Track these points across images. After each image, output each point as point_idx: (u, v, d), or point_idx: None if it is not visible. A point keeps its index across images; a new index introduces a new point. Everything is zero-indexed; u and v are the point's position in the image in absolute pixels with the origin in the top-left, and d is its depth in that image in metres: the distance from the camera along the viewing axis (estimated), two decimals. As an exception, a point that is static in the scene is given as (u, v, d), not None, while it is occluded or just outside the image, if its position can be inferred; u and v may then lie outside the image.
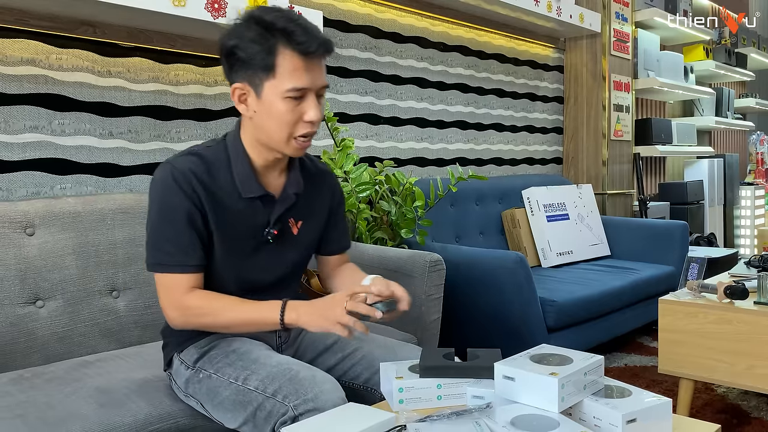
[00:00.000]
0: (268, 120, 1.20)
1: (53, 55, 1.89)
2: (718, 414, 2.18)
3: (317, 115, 1.20)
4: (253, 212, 1.28)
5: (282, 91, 1.16)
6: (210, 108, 2.27)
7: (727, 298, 1.89)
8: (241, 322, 1.22)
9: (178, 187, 1.19)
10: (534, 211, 3.15)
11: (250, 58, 1.16)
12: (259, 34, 1.15)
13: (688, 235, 3.24)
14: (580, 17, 3.60)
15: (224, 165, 1.25)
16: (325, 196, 1.42)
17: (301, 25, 1.16)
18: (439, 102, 3.18)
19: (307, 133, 1.21)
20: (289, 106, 1.18)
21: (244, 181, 1.25)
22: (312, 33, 1.16)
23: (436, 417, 1.01)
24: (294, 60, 1.15)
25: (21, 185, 1.85)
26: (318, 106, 1.20)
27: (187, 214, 1.20)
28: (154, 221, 1.22)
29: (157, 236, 1.21)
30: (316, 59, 1.18)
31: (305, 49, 1.15)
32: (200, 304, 1.21)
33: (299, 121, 1.20)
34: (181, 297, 1.21)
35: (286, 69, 1.16)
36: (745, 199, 5.47)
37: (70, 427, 1.20)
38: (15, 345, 1.58)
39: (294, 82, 1.16)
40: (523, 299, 2.27)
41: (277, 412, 1.11)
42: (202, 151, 1.25)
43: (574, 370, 1.01)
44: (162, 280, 1.22)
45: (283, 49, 1.15)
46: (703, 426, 1.04)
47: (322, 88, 1.21)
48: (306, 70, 1.17)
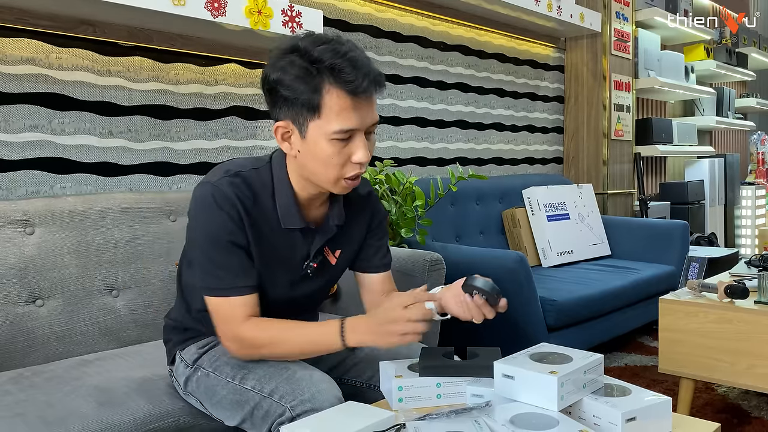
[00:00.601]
0: (313, 161, 1.12)
1: (53, 54, 1.89)
2: (718, 414, 2.17)
3: (366, 156, 1.12)
4: (292, 243, 1.22)
5: (328, 132, 1.08)
6: (210, 107, 2.27)
7: (728, 298, 1.89)
8: (300, 351, 1.16)
9: (219, 208, 1.12)
10: (534, 210, 3.15)
11: (294, 96, 1.08)
12: (304, 70, 1.07)
13: (689, 235, 3.23)
14: (581, 17, 3.60)
15: (268, 192, 1.18)
16: (365, 219, 1.33)
17: (350, 59, 1.07)
18: (439, 101, 3.17)
19: (354, 175, 1.14)
20: (335, 148, 1.10)
21: (285, 212, 1.19)
22: (362, 68, 1.07)
23: (435, 415, 1.01)
24: (341, 100, 1.07)
25: (21, 184, 1.85)
26: (366, 146, 1.12)
27: (233, 236, 1.13)
28: (201, 245, 1.15)
29: (205, 260, 1.14)
30: (368, 98, 1.10)
31: (354, 89, 1.07)
32: (255, 335, 1.14)
33: (347, 162, 1.12)
34: (236, 328, 1.14)
35: (332, 109, 1.07)
36: (745, 199, 5.46)
37: (69, 425, 1.19)
38: (15, 344, 1.58)
39: (341, 123, 1.08)
40: (524, 299, 2.27)
41: (274, 412, 1.10)
42: (246, 173, 1.17)
43: (574, 368, 1.01)
44: (216, 306, 1.15)
45: (330, 88, 1.07)
46: (703, 425, 1.04)
47: (372, 126, 1.14)
48: (354, 109, 1.08)
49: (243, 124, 2.37)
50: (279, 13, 2.06)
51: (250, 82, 2.38)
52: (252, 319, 1.15)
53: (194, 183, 2.23)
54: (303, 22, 2.13)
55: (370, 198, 1.35)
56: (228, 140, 2.32)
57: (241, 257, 1.15)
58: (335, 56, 1.06)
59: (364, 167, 1.15)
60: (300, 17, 2.12)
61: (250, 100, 2.38)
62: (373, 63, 1.12)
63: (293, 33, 2.11)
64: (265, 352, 1.16)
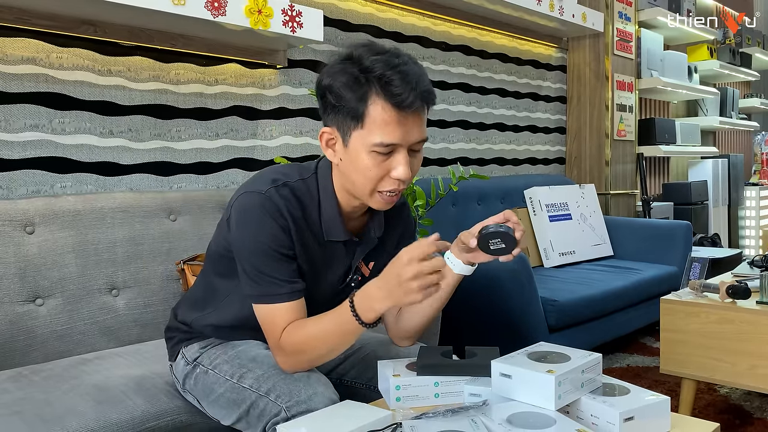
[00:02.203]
0: (353, 171, 1.10)
1: (54, 53, 1.90)
2: (720, 414, 2.16)
3: (406, 174, 1.08)
4: (335, 255, 1.20)
5: (369, 144, 1.06)
6: (210, 107, 2.27)
7: (730, 298, 1.88)
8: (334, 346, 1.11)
9: (270, 219, 1.10)
10: (536, 211, 3.14)
11: (340, 103, 1.06)
12: (354, 78, 1.05)
13: (692, 236, 3.22)
14: (583, 17, 3.59)
15: (314, 203, 1.17)
16: (398, 231, 1.31)
17: (402, 72, 1.04)
18: (440, 101, 3.17)
19: (393, 190, 1.10)
20: (375, 161, 1.07)
21: (330, 224, 1.17)
22: (412, 83, 1.04)
23: (432, 414, 1.01)
24: (386, 112, 1.04)
25: (21, 184, 1.85)
26: (408, 163, 1.08)
27: (283, 248, 1.11)
28: (249, 255, 1.11)
29: (252, 269, 1.11)
30: (414, 113, 1.06)
31: (400, 102, 1.03)
32: (291, 342, 1.11)
33: (385, 176, 1.09)
34: (278, 341, 1.11)
35: (375, 121, 1.05)
36: (749, 200, 5.44)
37: (67, 423, 1.20)
38: (14, 343, 1.58)
39: (383, 136, 1.05)
40: (525, 299, 2.26)
41: (270, 411, 1.10)
42: (294, 183, 1.15)
43: (572, 367, 1.01)
44: (263, 314, 1.13)
45: (376, 98, 1.04)
46: (702, 424, 1.03)
47: (417, 143, 1.10)
48: (399, 124, 1.05)
49: (244, 123, 2.37)
50: (279, 13, 2.06)
51: (250, 82, 2.38)
52: (289, 326, 1.11)
53: (194, 183, 2.23)
54: (303, 21, 2.13)
55: (404, 208, 1.33)
56: (228, 140, 2.32)
57: (290, 264, 1.13)
58: (386, 67, 1.04)
59: (405, 185, 1.11)
60: (300, 17, 2.12)
61: (250, 99, 2.38)
62: (426, 79, 1.08)
63: (293, 33, 2.11)
64: (305, 357, 1.12)
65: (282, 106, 2.49)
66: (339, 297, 1.24)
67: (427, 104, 1.08)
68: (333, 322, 1.09)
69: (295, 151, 2.53)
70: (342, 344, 1.12)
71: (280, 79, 2.48)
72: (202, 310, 1.30)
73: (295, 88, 2.53)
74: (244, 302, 1.17)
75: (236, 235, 1.13)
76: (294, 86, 2.52)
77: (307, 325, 1.11)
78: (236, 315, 1.24)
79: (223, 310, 1.27)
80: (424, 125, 1.11)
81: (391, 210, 1.27)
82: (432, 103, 1.10)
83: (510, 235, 1.11)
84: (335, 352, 1.13)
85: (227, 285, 1.24)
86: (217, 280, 1.27)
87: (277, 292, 1.11)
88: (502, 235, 1.11)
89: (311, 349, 1.11)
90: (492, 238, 1.12)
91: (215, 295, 1.28)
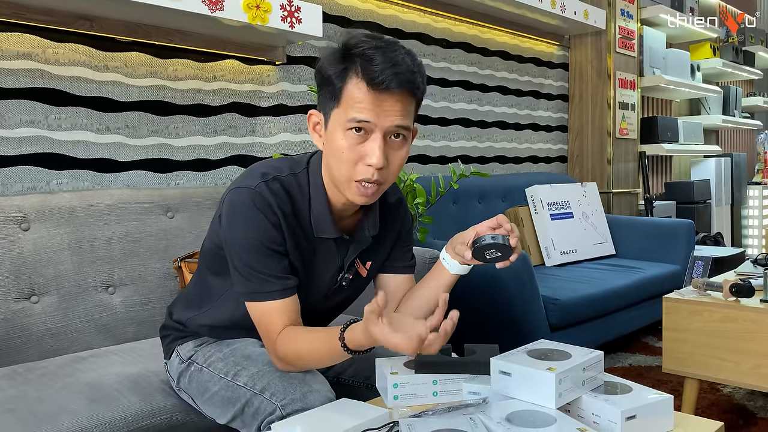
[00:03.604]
0: (331, 155, 1.07)
1: (50, 49, 1.88)
2: (723, 414, 2.14)
3: (379, 160, 1.03)
4: (326, 253, 1.18)
5: (343, 122, 1.03)
6: (208, 103, 2.25)
7: (733, 296, 1.86)
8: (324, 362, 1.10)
9: (260, 214, 1.07)
10: (537, 209, 3.12)
11: (324, 82, 1.05)
12: (338, 56, 1.03)
13: (694, 234, 3.19)
14: (585, 14, 3.57)
15: (305, 198, 1.14)
16: (395, 228, 1.28)
17: (383, 51, 1.01)
18: (441, 99, 3.15)
19: (366, 179, 1.05)
20: (349, 142, 1.03)
21: (319, 221, 1.14)
22: (392, 64, 1.00)
23: (430, 413, 0.98)
24: (360, 90, 1.01)
25: (17, 180, 1.83)
26: (382, 149, 1.03)
27: (273, 243, 1.09)
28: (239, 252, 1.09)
29: (243, 266, 1.09)
30: (392, 95, 1.02)
31: (373, 78, 1.00)
32: (284, 351, 1.09)
33: (359, 161, 1.04)
34: (273, 343, 1.10)
35: (351, 97, 1.02)
36: (753, 199, 5.41)
37: (60, 421, 1.18)
38: (9, 341, 1.57)
39: (355, 112, 1.01)
40: (526, 298, 2.24)
41: (265, 410, 1.08)
42: (284, 178, 1.12)
43: (573, 365, 0.98)
44: (257, 311, 1.11)
45: (353, 75, 1.02)
46: (705, 423, 1.01)
47: (396, 129, 1.04)
48: (373, 103, 1.01)
49: (242, 120, 2.35)
50: (278, 8, 2.04)
51: (249, 78, 2.36)
52: (285, 331, 1.09)
53: (192, 180, 2.21)
54: (302, 17, 2.11)
55: (401, 206, 1.30)
56: (227, 137, 2.30)
57: (281, 260, 1.11)
58: (372, 48, 1.02)
59: (379, 175, 1.05)
60: (299, 12, 2.10)
61: (249, 96, 2.37)
62: (414, 66, 1.04)
63: (292, 28, 2.09)
64: (299, 365, 1.11)
65: (281, 102, 2.47)
66: (331, 296, 1.22)
67: (407, 89, 1.04)
68: (324, 344, 1.06)
69: (293, 148, 2.51)
70: (332, 362, 1.12)
71: (279, 75, 2.46)
72: (197, 310, 1.28)
73: (294, 84, 2.51)
74: (239, 302, 1.15)
75: (227, 232, 1.11)
76: (293, 83, 2.50)
77: (299, 340, 1.08)
78: (231, 314, 1.22)
79: (218, 310, 1.25)
80: (406, 114, 1.06)
81: (388, 207, 1.26)
82: (414, 90, 1.05)
83: (505, 245, 1.09)
84: (326, 365, 1.13)
85: (221, 284, 1.22)
86: (211, 278, 1.25)
87: (268, 289, 1.09)
88: (497, 246, 1.10)
89: (302, 362, 1.10)
90: (486, 249, 1.11)
91: (210, 295, 1.26)
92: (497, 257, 1.11)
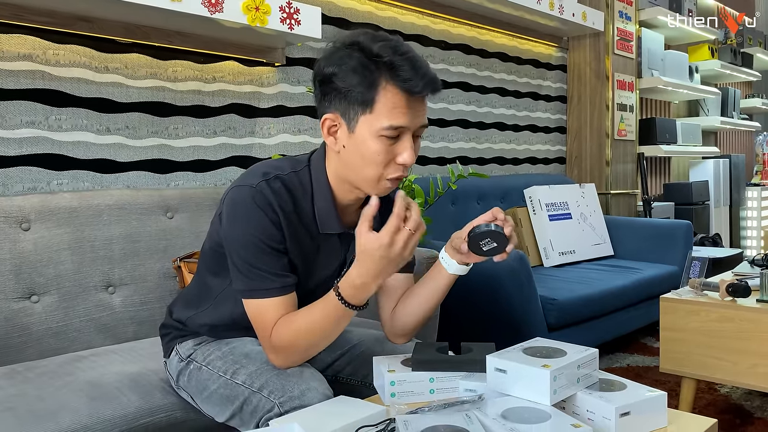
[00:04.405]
0: (358, 158, 1.09)
1: (50, 50, 1.89)
2: (720, 414, 2.15)
3: (411, 158, 1.09)
4: (329, 248, 1.20)
5: (377, 128, 1.06)
6: (208, 105, 2.26)
7: (730, 296, 1.87)
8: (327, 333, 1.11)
9: (261, 213, 1.09)
10: (536, 210, 3.13)
11: (348, 89, 1.06)
12: (362, 64, 1.06)
13: (692, 235, 3.20)
14: (583, 16, 3.58)
15: (307, 196, 1.16)
16: None
17: (409, 59, 1.06)
18: (440, 100, 3.16)
19: (398, 177, 1.11)
20: (382, 146, 1.07)
21: (324, 217, 1.16)
22: (420, 70, 1.06)
23: (427, 409, 0.99)
24: (396, 97, 1.06)
25: (17, 180, 1.84)
26: (413, 148, 1.09)
27: (273, 242, 1.10)
28: (239, 249, 1.11)
29: (242, 263, 1.10)
30: (422, 99, 1.09)
31: (410, 88, 1.05)
32: (281, 338, 1.10)
33: (391, 162, 1.09)
34: (269, 339, 1.11)
35: (385, 105, 1.06)
36: (751, 200, 5.42)
37: (60, 419, 1.19)
38: (9, 340, 1.57)
39: (392, 120, 1.06)
40: (524, 298, 2.25)
41: (263, 407, 1.09)
42: (285, 176, 1.14)
43: (567, 362, 0.99)
44: (253, 309, 1.12)
45: (387, 84, 1.05)
46: (699, 420, 1.02)
47: (420, 128, 1.11)
48: (407, 108, 1.07)
49: (241, 121, 2.36)
50: (277, 10, 2.05)
51: (248, 79, 2.37)
52: (279, 321, 1.10)
53: (192, 180, 2.22)
54: (301, 19, 2.12)
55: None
56: (226, 138, 2.32)
57: (281, 258, 1.12)
58: (395, 54, 1.05)
59: (407, 171, 1.11)
60: (298, 14, 2.11)
61: (248, 97, 2.38)
62: (430, 67, 1.10)
63: (291, 30, 2.10)
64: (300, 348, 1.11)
65: (280, 104, 2.48)
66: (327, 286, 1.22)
67: (433, 91, 1.09)
68: (322, 312, 1.08)
69: (292, 149, 2.52)
70: (336, 331, 1.11)
71: (278, 77, 2.47)
72: (196, 309, 1.29)
73: (294, 86, 2.52)
74: (238, 301, 1.16)
75: (227, 229, 1.13)
76: (292, 84, 2.52)
77: (296, 320, 1.10)
78: (231, 313, 1.23)
79: (217, 309, 1.26)
80: (426, 111, 1.12)
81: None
82: (438, 90, 1.11)
83: (499, 233, 1.10)
84: (329, 339, 1.13)
85: (220, 284, 1.23)
86: (210, 278, 1.26)
87: (267, 286, 1.10)
88: (492, 234, 1.10)
89: (304, 341, 1.10)
90: (481, 238, 1.11)
91: (209, 294, 1.27)
92: (493, 248, 1.12)
